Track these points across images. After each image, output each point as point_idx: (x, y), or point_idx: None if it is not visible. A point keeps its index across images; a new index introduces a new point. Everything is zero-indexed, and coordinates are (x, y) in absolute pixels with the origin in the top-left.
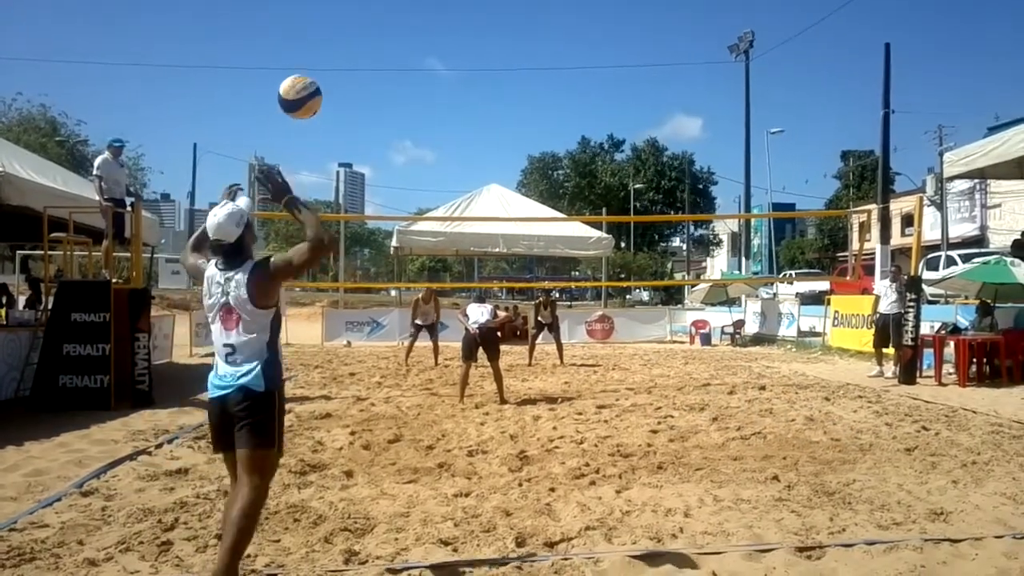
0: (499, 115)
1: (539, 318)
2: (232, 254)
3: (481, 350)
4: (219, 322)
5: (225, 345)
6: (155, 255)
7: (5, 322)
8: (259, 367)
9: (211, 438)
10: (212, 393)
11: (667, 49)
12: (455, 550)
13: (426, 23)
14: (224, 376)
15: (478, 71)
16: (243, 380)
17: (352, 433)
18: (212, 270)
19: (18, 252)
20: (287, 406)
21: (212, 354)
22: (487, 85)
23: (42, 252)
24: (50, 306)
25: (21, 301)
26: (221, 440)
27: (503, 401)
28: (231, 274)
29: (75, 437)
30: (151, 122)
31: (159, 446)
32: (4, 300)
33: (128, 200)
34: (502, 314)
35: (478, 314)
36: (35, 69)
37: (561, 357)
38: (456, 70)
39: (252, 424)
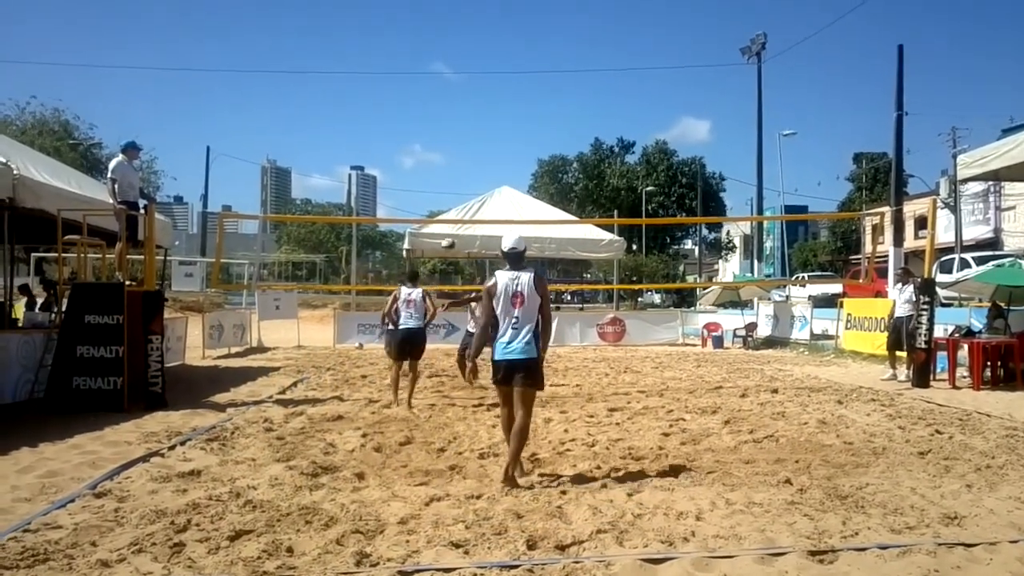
0: (508, 118)
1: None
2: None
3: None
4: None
5: (513, 318)
6: (168, 257)
7: (20, 324)
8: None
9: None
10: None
11: (676, 52)
12: (466, 552)
13: (433, 27)
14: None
15: (485, 74)
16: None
17: (364, 435)
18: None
19: (32, 254)
20: (300, 407)
21: (226, 355)
22: (495, 88)
23: (56, 254)
24: (64, 308)
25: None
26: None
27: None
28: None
29: (88, 439)
30: (164, 125)
31: (172, 448)
32: (25, 301)
33: (142, 203)
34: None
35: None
36: (47, 73)
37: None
38: (463, 73)
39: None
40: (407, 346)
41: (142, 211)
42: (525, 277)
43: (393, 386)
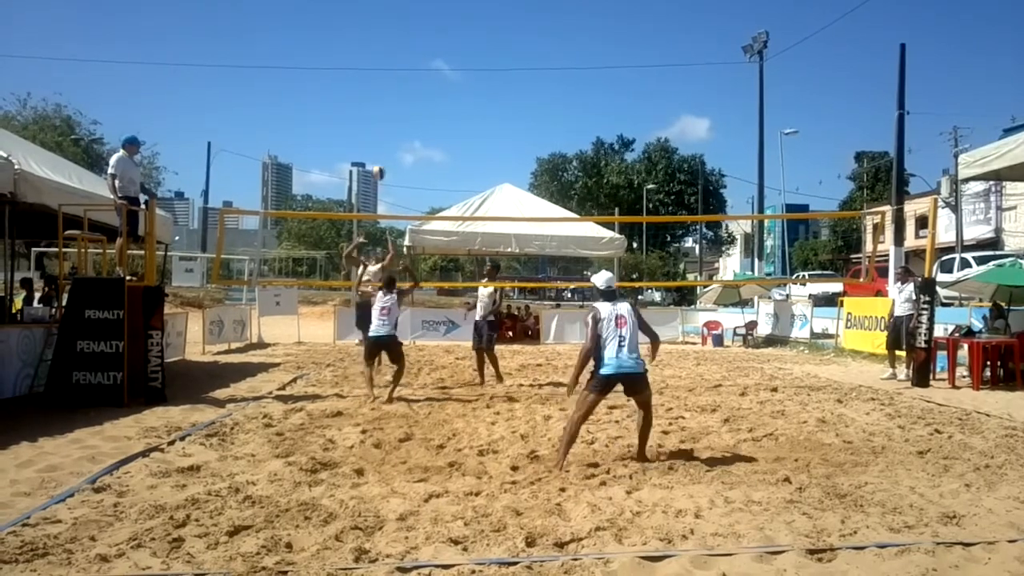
0: (508, 115)
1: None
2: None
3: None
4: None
5: (619, 337)
6: (169, 253)
7: (20, 319)
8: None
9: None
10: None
11: (676, 50)
12: (465, 549)
13: (433, 24)
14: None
15: (485, 71)
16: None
17: (363, 432)
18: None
19: (33, 249)
20: (299, 403)
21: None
22: (495, 85)
23: (57, 249)
24: (64, 303)
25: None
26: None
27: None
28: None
29: (88, 433)
30: (165, 121)
31: (171, 443)
32: (23, 295)
33: (143, 198)
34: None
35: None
36: (48, 67)
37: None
38: (464, 70)
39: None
40: (378, 351)
41: (143, 206)
42: (623, 305)
43: (367, 382)
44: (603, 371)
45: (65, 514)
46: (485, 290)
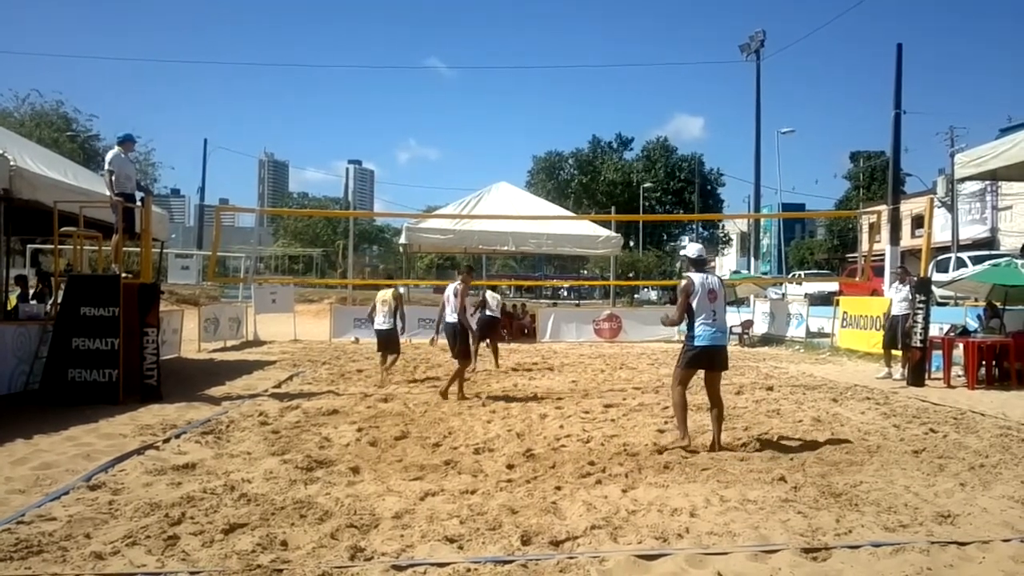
0: (504, 114)
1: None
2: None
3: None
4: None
5: (711, 311)
6: (164, 250)
7: (15, 316)
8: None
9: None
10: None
11: (672, 48)
12: (461, 547)
13: (428, 22)
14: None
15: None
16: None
17: (359, 430)
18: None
19: (29, 246)
20: (295, 401)
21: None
22: (490, 84)
23: (52, 246)
24: (60, 300)
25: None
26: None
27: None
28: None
29: (83, 431)
30: (162, 118)
31: (167, 441)
32: (19, 292)
33: (138, 195)
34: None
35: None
36: (47, 64)
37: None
38: (459, 68)
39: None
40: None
41: (139, 203)
42: (715, 278)
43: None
44: (697, 342)
45: (60, 512)
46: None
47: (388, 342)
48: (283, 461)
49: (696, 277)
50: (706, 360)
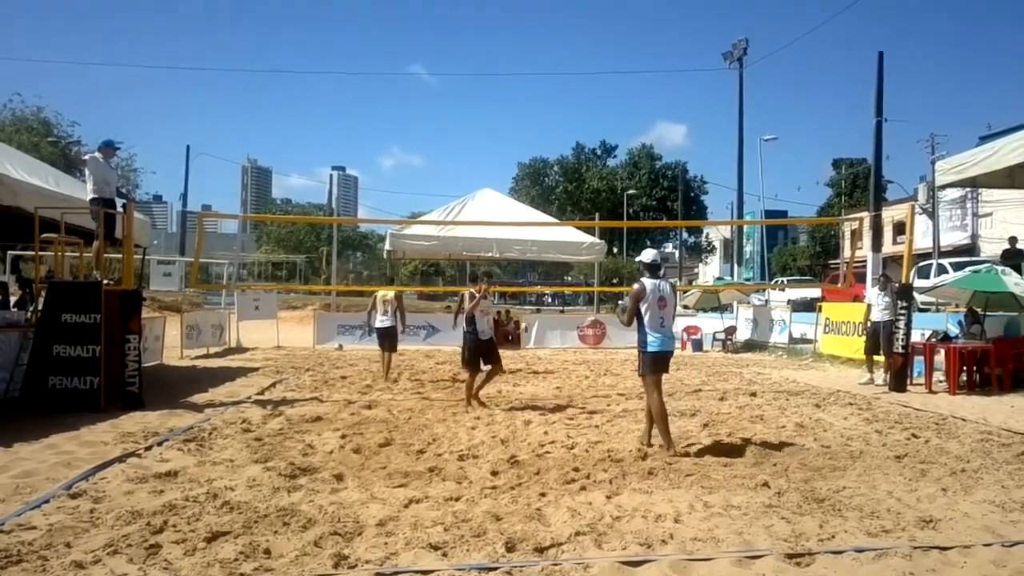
0: (488, 121)
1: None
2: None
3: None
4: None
5: (660, 317)
6: (147, 257)
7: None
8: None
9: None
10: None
11: (655, 55)
12: (445, 555)
13: (411, 29)
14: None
15: (463, 76)
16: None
17: (343, 436)
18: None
19: (9, 252)
20: (279, 408)
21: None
22: (473, 91)
23: (33, 253)
24: (40, 307)
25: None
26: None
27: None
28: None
29: (64, 439)
30: (144, 123)
31: (148, 448)
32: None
33: (120, 202)
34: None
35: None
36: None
37: None
38: (442, 75)
39: None
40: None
41: (120, 209)
42: (667, 285)
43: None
44: (650, 348)
45: (40, 520)
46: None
47: (389, 339)
48: (266, 468)
49: (648, 283)
50: (662, 364)
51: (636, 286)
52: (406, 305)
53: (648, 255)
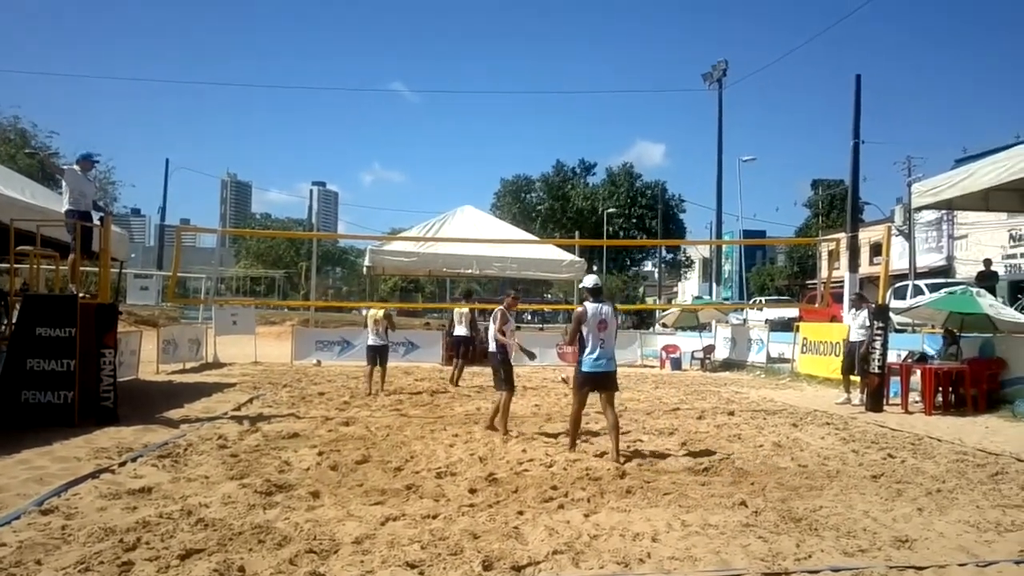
0: (468, 138)
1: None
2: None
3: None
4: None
5: (600, 339)
6: (123, 270)
7: None
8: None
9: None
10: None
11: (636, 76)
12: (421, 573)
13: (393, 47)
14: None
15: (442, 93)
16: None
17: (320, 453)
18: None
19: None
20: (255, 424)
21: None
22: (455, 108)
23: (8, 265)
24: (15, 320)
25: None
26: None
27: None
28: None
29: (36, 454)
30: (123, 136)
31: (122, 464)
32: None
33: (96, 215)
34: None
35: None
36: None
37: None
38: (421, 91)
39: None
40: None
41: (97, 223)
42: (608, 308)
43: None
44: (584, 368)
45: (10, 537)
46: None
47: (380, 356)
48: (242, 485)
49: (590, 307)
50: (592, 384)
51: (579, 309)
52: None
53: (589, 280)
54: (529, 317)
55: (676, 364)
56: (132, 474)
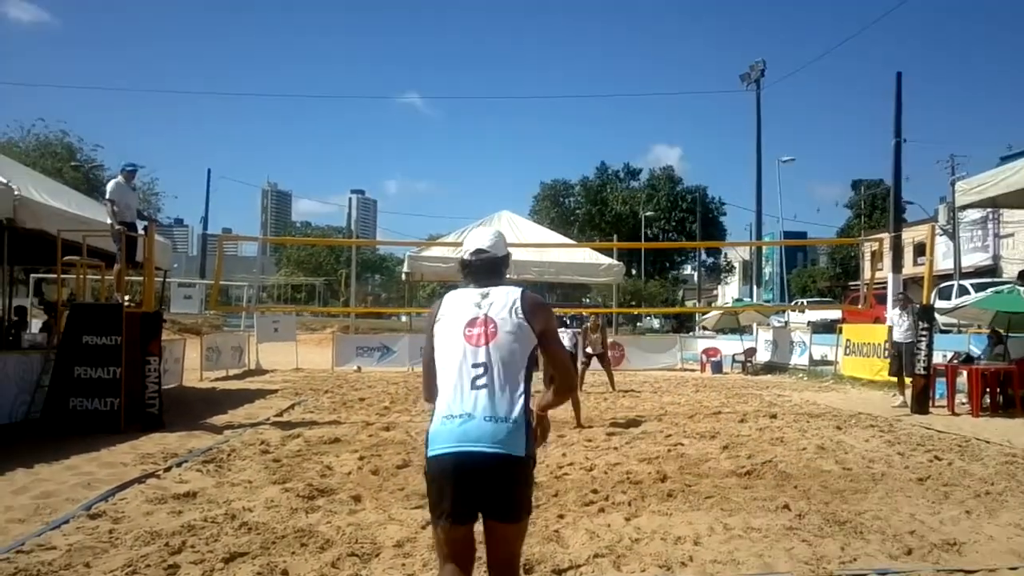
0: (506, 145)
1: (588, 348)
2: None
3: None
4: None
5: (474, 366)
6: (167, 279)
7: (18, 345)
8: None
9: None
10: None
11: (672, 78)
12: None
13: (413, 58)
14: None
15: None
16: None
17: (361, 458)
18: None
19: (32, 275)
20: (297, 430)
21: (224, 378)
22: (490, 115)
23: (55, 275)
24: (62, 329)
25: (36, 324)
26: None
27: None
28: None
29: (84, 460)
30: (166, 147)
31: (168, 469)
32: (16, 322)
33: (141, 224)
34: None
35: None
36: (53, 95)
37: (612, 384)
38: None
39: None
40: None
41: (141, 232)
42: (501, 297)
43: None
44: (427, 446)
45: (60, 540)
46: None
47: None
48: (284, 490)
49: (451, 298)
50: (438, 490)
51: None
52: (419, 327)
53: (473, 241)
54: (568, 321)
55: (717, 367)
56: (177, 479)
